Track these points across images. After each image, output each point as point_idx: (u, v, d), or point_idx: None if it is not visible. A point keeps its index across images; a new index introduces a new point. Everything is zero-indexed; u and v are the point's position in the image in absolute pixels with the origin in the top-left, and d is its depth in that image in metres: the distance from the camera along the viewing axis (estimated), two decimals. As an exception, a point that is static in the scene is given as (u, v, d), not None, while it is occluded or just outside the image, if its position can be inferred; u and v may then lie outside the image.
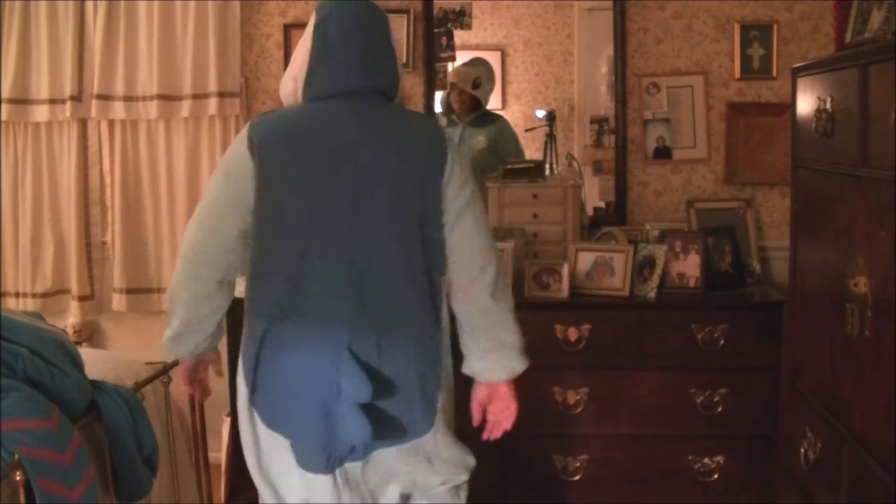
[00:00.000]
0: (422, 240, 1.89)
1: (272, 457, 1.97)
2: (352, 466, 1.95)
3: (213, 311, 2.02)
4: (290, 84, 2.00)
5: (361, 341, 1.85)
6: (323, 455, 1.89)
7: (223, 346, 3.15)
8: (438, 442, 1.99)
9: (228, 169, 1.95)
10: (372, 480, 1.99)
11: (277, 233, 1.90)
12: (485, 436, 2.07)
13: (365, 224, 1.87)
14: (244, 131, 1.94)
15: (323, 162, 1.88)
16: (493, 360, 2.00)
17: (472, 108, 3.57)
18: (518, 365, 2.03)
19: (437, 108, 3.50)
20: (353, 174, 1.87)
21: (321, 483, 1.92)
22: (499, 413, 2.05)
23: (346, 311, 1.86)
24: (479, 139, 3.55)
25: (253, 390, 1.96)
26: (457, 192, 1.91)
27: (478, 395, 2.04)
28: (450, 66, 3.52)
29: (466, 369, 2.02)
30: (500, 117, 3.61)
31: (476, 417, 2.05)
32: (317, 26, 1.94)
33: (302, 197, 1.88)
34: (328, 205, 1.87)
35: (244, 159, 1.91)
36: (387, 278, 1.88)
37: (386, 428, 1.89)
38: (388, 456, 1.96)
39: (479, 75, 3.54)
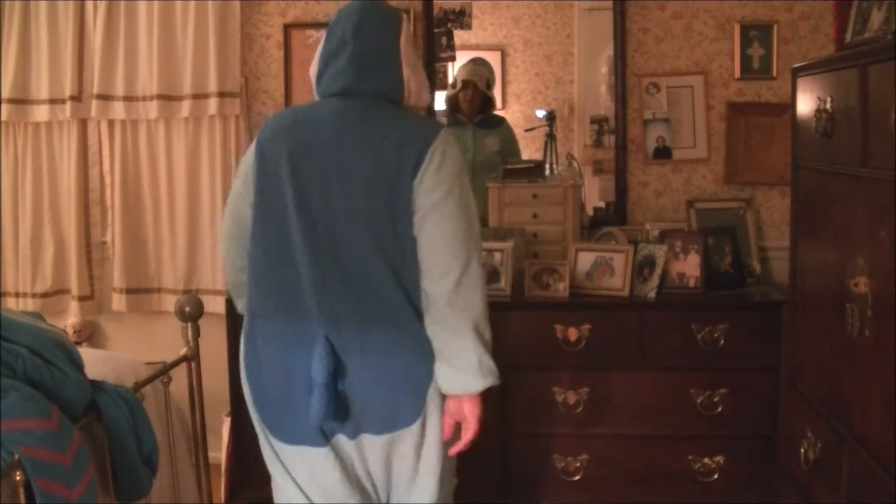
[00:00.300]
0: (395, 238, 1.91)
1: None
2: (346, 443, 1.99)
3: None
4: (312, 81, 2.08)
5: (342, 334, 1.92)
6: (314, 429, 1.96)
7: (222, 348, 3.16)
8: (427, 433, 1.99)
9: (242, 163, 2.09)
10: (375, 467, 2.03)
11: (265, 228, 1.99)
12: (450, 450, 2.02)
13: (341, 221, 1.92)
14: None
15: (306, 159, 1.95)
16: (447, 372, 1.93)
17: (481, 109, 3.55)
18: (472, 383, 1.92)
19: (438, 108, 3.50)
20: (331, 172, 1.92)
21: (321, 456, 1.99)
22: (462, 431, 1.98)
23: (327, 306, 1.92)
24: (492, 141, 3.54)
25: (252, 392, 2.08)
26: (428, 191, 1.89)
27: (448, 408, 1.98)
28: (450, 66, 3.52)
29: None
30: (504, 120, 3.59)
31: (446, 431, 1.99)
32: (327, 31, 2.04)
33: (285, 192, 1.95)
34: (308, 201, 1.93)
35: (250, 154, 2.04)
36: (365, 273, 1.92)
37: (372, 416, 1.95)
38: (379, 444, 1.98)
39: (490, 76, 3.53)
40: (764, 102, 3.35)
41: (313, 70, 2.06)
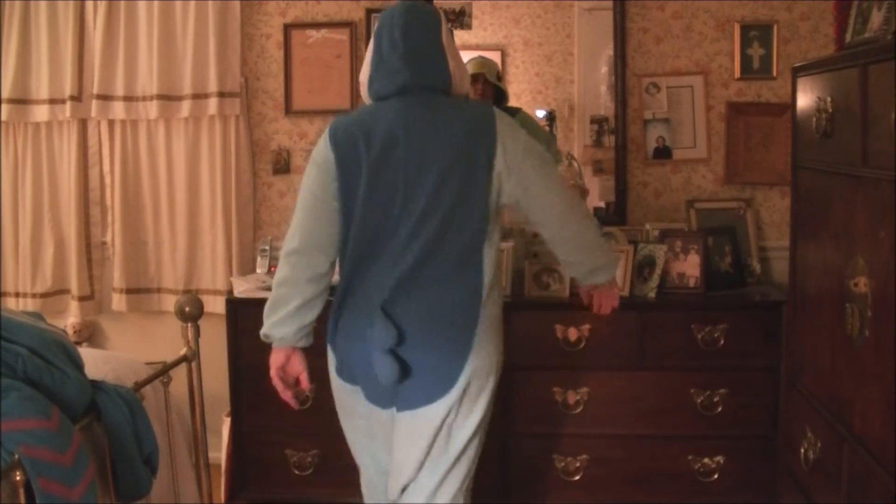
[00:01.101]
0: (467, 219, 2.09)
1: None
2: (403, 415, 2.15)
3: (321, 292, 2.21)
4: (362, 86, 2.26)
5: (399, 307, 2.10)
6: (380, 391, 2.16)
7: (222, 348, 3.16)
8: (462, 408, 2.13)
9: (317, 160, 2.20)
10: (426, 430, 2.15)
11: (353, 218, 2.14)
12: (594, 310, 2.43)
13: (414, 209, 2.09)
14: (326, 130, 2.20)
15: (380, 155, 2.11)
16: (592, 275, 2.34)
17: (494, 102, 3.45)
18: (612, 273, 2.37)
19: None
20: (403, 165, 2.09)
21: (386, 416, 2.19)
22: (603, 296, 2.42)
23: (390, 283, 2.10)
24: None
25: (334, 351, 2.24)
26: (517, 169, 2.10)
27: (584, 286, 2.42)
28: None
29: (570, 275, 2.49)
30: (519, 110, 3.52)
31: (584, 300, 2.46)
32: (374, 36, 2.21)
33: (367, 187, 2.12)
34: (386, 193, 2.11)
35: (327, 152, 2.17)
36: (431, 258, 2.09)
37: (424, 386, 2.11)
38: (421, 417, 2.12)
39: (497, 70, 3.51)
40: (764, 102, 3.35)
41: (364, 76, 2.22)
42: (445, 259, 2.10)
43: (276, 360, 2.23)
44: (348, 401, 2.24)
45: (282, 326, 2.19)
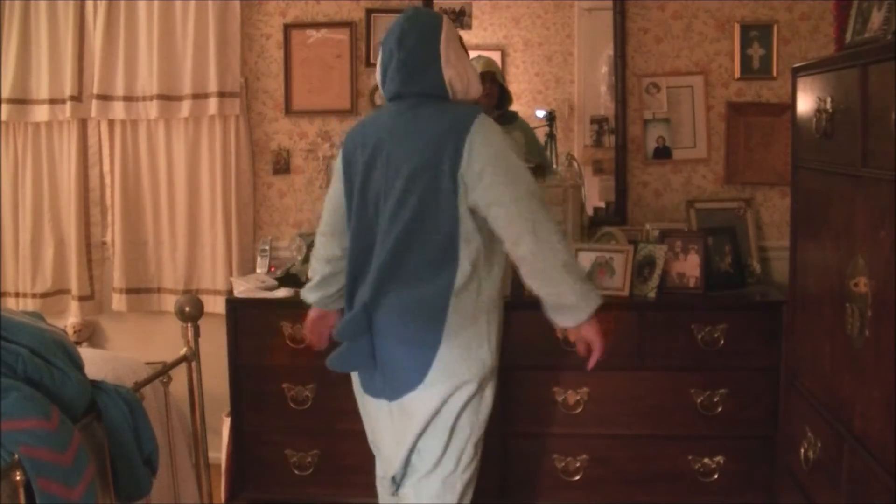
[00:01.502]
0: (438, 221, 2.16)
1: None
2: (393, 406, 2.25)
3: (336, 272, 2.44)
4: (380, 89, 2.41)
5: (379, 301, 2.22)
6: (369, 380, 2.30)
7: (222, 348, 3.16)
8: (446, 393, 2.19)
9: (334, 165, 2.43)
10: (417, 423, 2.24)
11: (351, 215, 2.32)
12: (588, 367, 2.26)
13: (388, 210, 2.20)
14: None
15: (370, 157, 2.25)
16: (559, 314, 2.19)
17: (498, 104, 3.46)
18: (581, 314, 2.16)
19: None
20: (384, 167, 2.22)
21: (378, 405, 2.30)
22: (583, 343, 2.24)
23: (373, 278, 2.22)
24: (518, 136, 3.43)
25: None
26: (478, 176, 2.12)
27: (570, 334, 2.25)
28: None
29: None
30: (516, 114, 3.51)
31: (580, 350, 2.26)
32: (381, 43, 2.34)
33: (360, 188, 2.28)
34: (373, 193, 2.25)
35: (339, 156, 2.38)
36: (405, 256, 2.18)
37: (396, 378, 2.21)
38: (408, 404, 2.21)
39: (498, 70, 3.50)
40: (764, 102, 3.35)
41: (377, 79, 2.36)
42: (418, 258, 2.18)
43: (310, 315, 2.53)
44: (357, 389, 2.40)
45: (310, 293, 2.50)
